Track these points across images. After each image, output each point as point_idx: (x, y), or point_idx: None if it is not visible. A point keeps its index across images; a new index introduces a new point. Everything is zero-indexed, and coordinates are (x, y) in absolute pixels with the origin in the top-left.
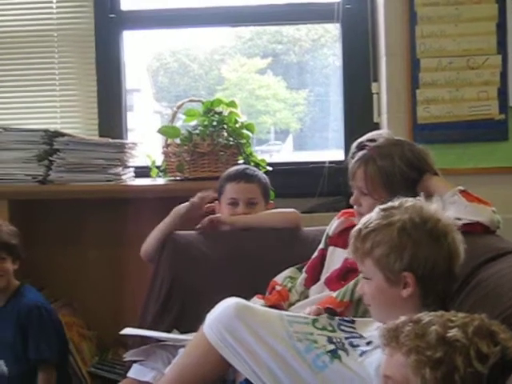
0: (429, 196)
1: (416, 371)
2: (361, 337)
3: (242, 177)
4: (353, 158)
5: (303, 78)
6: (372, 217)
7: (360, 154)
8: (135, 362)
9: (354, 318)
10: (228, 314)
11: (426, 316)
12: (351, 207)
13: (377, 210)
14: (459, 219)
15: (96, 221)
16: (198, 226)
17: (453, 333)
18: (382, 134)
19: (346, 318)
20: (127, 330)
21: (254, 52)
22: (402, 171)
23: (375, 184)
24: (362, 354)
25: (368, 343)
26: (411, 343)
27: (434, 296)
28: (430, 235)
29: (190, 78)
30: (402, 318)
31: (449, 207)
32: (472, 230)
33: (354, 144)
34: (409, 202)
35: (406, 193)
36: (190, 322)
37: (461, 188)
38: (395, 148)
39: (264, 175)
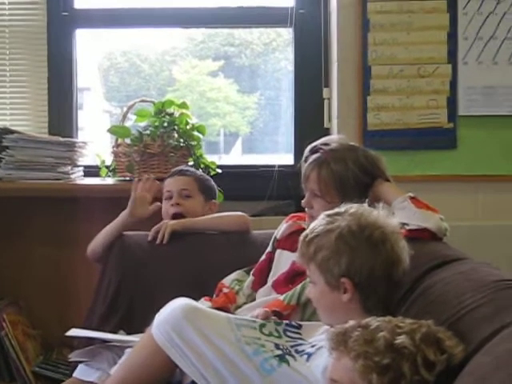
0: (379, 201)
1: (363, 376)
2: (304, 343)
3: (177, 172)
4: (306, 161)
5: (254, 82)
6: (318, 222)
7: (314, 156)
8: (80, 362)
9: (301, 323)
10: (176, 315)
11: (374, 321)
12: (300, 211)
13: (322, 215)
14: (407, 224)
15: (44, 219)
16: (149, 239)
17: (401, 340)
18: (336, 138)
19: (293, 323)
20: (73, 331)
21: (206, 54)
22: (355, 176)
23: (328, 187)
24: (309, 358)
25: (312, 346)
26: (359, 348)
27: (375, 301)
28: (366, 242)
29: (140, 79)
30: (351, 323)
31: (398, 213)
32: (419, 236)
33: (308, 148)
34: (352, 208)
35: (358, 197)
36: (136, 322)
37: (411, 195)
38: (349, 153)
39: (204, 175)
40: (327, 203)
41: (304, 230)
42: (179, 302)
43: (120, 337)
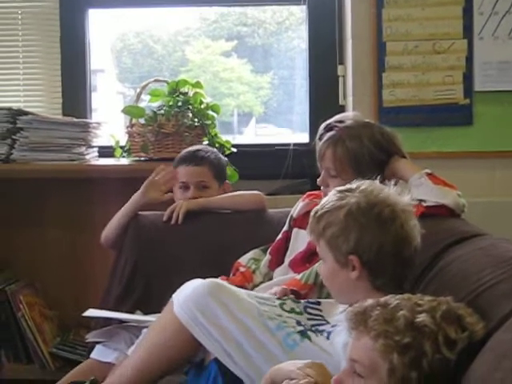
0: (395, 178)
1: (384, 355)
2: (326, 323)
3: (192, 160)
4: (320, 139)
5: (268, 61)
6: (329, 198)
7: (329, 134)
8: (97, 343)
9: (320, 300)
10: (200, 292)
11: (393, 299)
12: (316, 189)
13: (333, 191)
14: (424, 201)
15: (59, 201)
16: (164, 219)
17: (421, 318)
18: (351, 115)
19: (312, 300)
20: (90, 312)
21: (219, 34)
22: (370, 153)
23: (343, 165)
24: (329, 335)
25: (333, 326)
26: (379, 328)
27: (386, 279)
28: (375, 220)
29: (153, 60)
30: (370, 301)
31: (414, 189)
32: (437, 212)
33: (322, 125)
34: (363, 185)
35: (374, 175)
36: (153, 303)
37: (428, 171)
38: (364, 130)
39: (218, 155)
40: (343, 181)
41: None
42: (201, 281)
43: (137, 317)
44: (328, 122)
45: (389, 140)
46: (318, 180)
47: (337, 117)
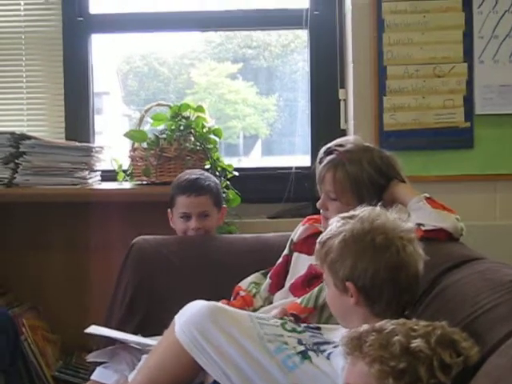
0: (394, 203)
1: (379, 381)
2: (328, 342)
3: (193, 190)
4: (320, 162)
5: (273, 84)
6: (333, 224)
7: (329, 158)
8: (98, 363)
9: (320, 325)
10: (201, 316)
11: (388, 324)
12: (317, 213)
13: (337, 218)
14: (422, 225)
15: (61, 224)
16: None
17: (416, 343)
18: (351, 139)
19: (312, 326)
20: (92, 328)
21: (224, 56)
22: (370, 176)
23: (343, 189)
24: (329, 355)
25: (335, 347)
26: (375, 353)
27: (383, 306)
28: (369, 247)
29: (159, 82)
30: (365, 327)
31: (413, 213)
32: (435, 236)
33: (322, 149)
34: (365, 212)
35: (374, 199)
36: (154, 327)
37: (426, 195)
38: (364, 154)
39: (216, 181)
40: (342, 205)
41: (320, 232)
42: (202, 303)
43: (139, 338)
44: (328, 145)
45: (388, 164)
46: (317, 203)
47: (337, 140)
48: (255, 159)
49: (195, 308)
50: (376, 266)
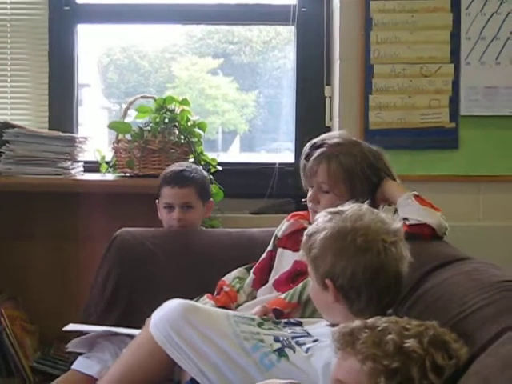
0: (385, 199)
1: (371, 379)
2: (308, 335)
3: (177, 181)
4: (307, 158)
5: (253, 80)
6: (319, 219)
7: (320, 151)
8: (80, 354)
9: (301, 320)
10: (175, 314)
11: (380, 321)
12: (300, 209)
13: (324, 212)
14: (407, 219)
15: (43, 214)
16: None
17: (410, 343)
18: (337, 134)
19: (292, 320)
20: (71, 326)
21: (206, 51)
22: (362, 170)
23: (337, 180)
24: (308, 350)
25: (314, 341)
26: (367, 351)
27: (362, 306)
28: (349, 247)
29: (139, 75)
30: (357, 322)
31: (401, 209)
32: (419, 231)
33: (308, 145)
34: (351, 210)
35: (365, 194)
36: (136, 319)
37: (415, 193)
38: (355, 147)
39: (203, 174)
40: (335, 197)
41: (305, 229)
42: (177, 301)
43: (118, 329)
44: (314, 140)
45: (379, 159)
46: (308, 196)
47: (324, 136)
48: (234, 155)
49: (170, 306)
50: (355, 267)
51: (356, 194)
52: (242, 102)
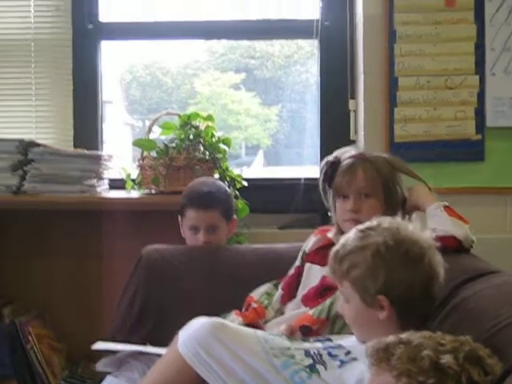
0: (414, 205)
1: None
2: (339, 346)
3: (202, 204)
4: (326, 176)
5: (276, 94)
6: (349, 238)
7: (348, 162)
8: (107, 373)
9: (331, 336)
10: (204, 332)
11: (414, 337)
12: (325, 224)
13: (354, 230)
14: (434, 229)
15: (69, 232)
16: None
17: (446, 359)
18: (348, 149)
19: (321, 338)
20: (99, 344)
21: (227, 66)
22: (392, 174)
23: (375, 183)
24: (342, 364)
25: (347, 353)
26: (402, 366)
27: (413, 318)
28: (404, 258)
29: (162, 92)
30: (391, 338)
31: (429, 219)
32: (445, 243)
33: (325, 162)
34: (386, 222)
35: (399, 198)
36: (163, 338)
37: (445, 203)
38: (378, 155)
39: (228, 193)
40: (377, 202)
41: (333, 243)
42: (205, 319)
43: (147, 348)
44: (331, 157)
45: (400, 164)
46: (349, 207)
47: (336, 153)
48: (257, 170)
49: (198, 324)
50: (411, 278)
51: (392, 199)
52: (264, 117)
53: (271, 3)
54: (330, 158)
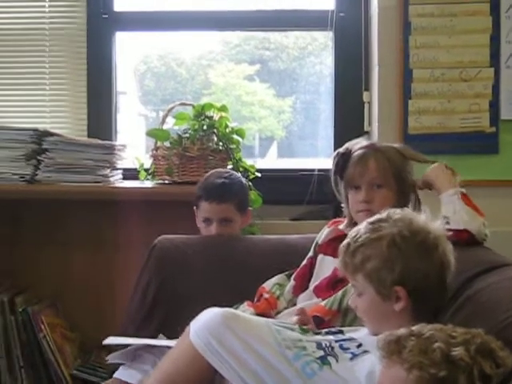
0: (428, 184)
1: None
2: (351, 339)
3: (216, 197)
4: (337, 168)
5: (290, 86)
6: (360, 230)
7: (359, 152)
8: (119, 364)
9: (342, 328)
10: (215, 322)
11: (425, 329)
12: (338, 215)
13: (364, 223)
14: (448, 219)
15: (82, 222)
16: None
17: (457, 351)
18: (359, 140)
19: (333, 330)
20: (110, 340)
21: (242, 58)
22: (404, 162)
23: (387, 173)
24: (353, 357)
25: (358, 346)
26: (414, 359)
27: (428, 308)
28: (420, 248)
29: (176, 83)
30: (402, 330)
31: (444, 206)
32: (457, 236)
33: (336, 153)
34: (397, 213)
35: (411, 187)
36: (175, 327)
37: (463, 191)
38: (387, 145)
39: (242, 185)
40: (389, 192)
41: (345, 235)
42: (217, 309)
43: (160, 341)
44: (342, 150)
45: (411, 152)
46: (361, 197)
47: (347, 144)
48: (271, 161)
49: (210, 314)
50: (427, 267)
51: (405, 188)
52: (278, 108)
53: None
54: (341, 149)
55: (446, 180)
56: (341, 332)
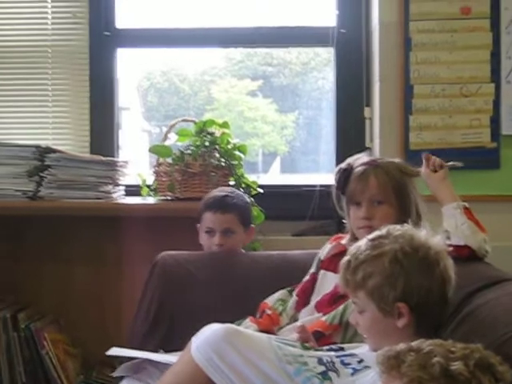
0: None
1: None
2: (352, 355)
3: (219, 207)
4: (338, 184)
5: (293, 101)
6: (360, 247)
7: (360, 169)
8: (122, 379)
9: (343, 345)
10: (217, 337)
11: (425, 344)
12: (340, 231)
13: (364, 240)
14: (448, 233)
15: (85, 238)
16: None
17: (456, 366)
18: (360, 155)
19: (334, 347)
20: (114, 351)
21: (244, 74)
22: (404, 178)
23: (388, 189)
24: (354, 372)
25: (360, 361)
26: (413, 374)
27: (429, 324)
28: (421, 264)
29: (179, 98)
30: (401, 346)
31: (446, 219)
32: (457, 252)
33: (338, 171)
34: (397, 230)
35: (412, 203)
36: (177, 342)
37: (466, 205)
38: (389, 160)
39: (245, 200)
40: (390, 208)
41: (347, 250)
42: (218, 325)
43: (162, 356)
44: (343, 166)
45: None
46: (362, 214)
47: (349, 160)
48: (274, 176)
49: (211, 330)
50: (429, 283)
51: (406, 204)
52: (281, 124)
53: (288, 11)
54: (343, 165)
55: (449, 192)
56: (342, 349)
